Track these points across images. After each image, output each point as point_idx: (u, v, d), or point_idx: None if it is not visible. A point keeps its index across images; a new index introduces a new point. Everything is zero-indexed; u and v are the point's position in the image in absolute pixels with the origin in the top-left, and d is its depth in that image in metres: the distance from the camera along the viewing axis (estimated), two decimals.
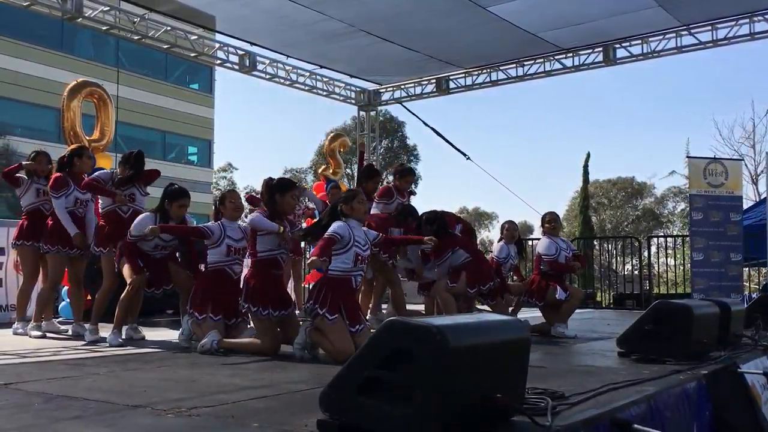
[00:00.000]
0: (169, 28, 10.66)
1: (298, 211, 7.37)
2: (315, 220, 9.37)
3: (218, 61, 11.95)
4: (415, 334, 2.28)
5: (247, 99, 62.87)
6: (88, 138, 8.06)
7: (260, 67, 11.99)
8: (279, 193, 5.03)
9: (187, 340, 5.22)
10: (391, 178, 7.73)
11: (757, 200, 17.02)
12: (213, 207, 5.53)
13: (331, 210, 5.03)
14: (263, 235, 4.89)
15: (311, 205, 8.43)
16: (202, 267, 5.41)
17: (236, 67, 11.73)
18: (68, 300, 7.81)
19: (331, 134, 12.19)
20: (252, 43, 11.39)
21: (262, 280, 4.84)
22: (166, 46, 11.04)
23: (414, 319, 2.39)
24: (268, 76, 12.24)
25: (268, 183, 5.19)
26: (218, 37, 11.54)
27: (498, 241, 7.23)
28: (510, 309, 6.77)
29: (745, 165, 22.42)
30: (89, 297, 7.75)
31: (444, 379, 2.22)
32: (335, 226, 4.74)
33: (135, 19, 10.25)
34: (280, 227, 4.85)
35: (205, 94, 34.44)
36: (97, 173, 6.10)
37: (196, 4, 9.84)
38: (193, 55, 11.49)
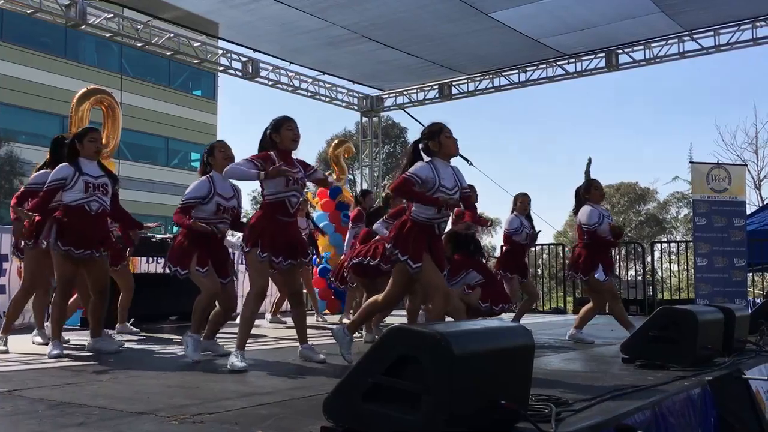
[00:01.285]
0: (172, 34, 10.70)
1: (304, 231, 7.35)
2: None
3: (221, 68, 12.00)
4: (420, 341, 2.28)
5: (249, 105, 63.03)
6: None
7: (263, 73, 12.02)
8: (274, 132, 4.56)
9: (195, 352, 4.76)
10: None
11: (761, 205, 16.99)
12: (201, 161, 5.13)
13: (413, 150, 4.44)
14: (268, 180, 4.44)
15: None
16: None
17: (239, 73, 11.77)
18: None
19: (336, 140, 12.22)
20: (255, 50, 11.43)
21: (265, 221, 4.48)
22: (169, 53, 11.09)
23: (419, 326, 2.39)
24: (270, 83, 12.28)
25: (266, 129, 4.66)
26: (221, 43, 11.60)
27: (511, 213, 7.24)
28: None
29: (748, 170, 22.43)
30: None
31: (449, 385, 2.22)
32: (415, 166, 4.24)
33: (138, 26, 10.30)
34: (260, 172, 4.34)
35: (209, 100, 34.54)
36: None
37: (199, 11, 9.88)
38: (196, 61, 11.54)
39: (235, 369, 4.21)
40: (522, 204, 7.18)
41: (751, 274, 11.78)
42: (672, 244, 15.41)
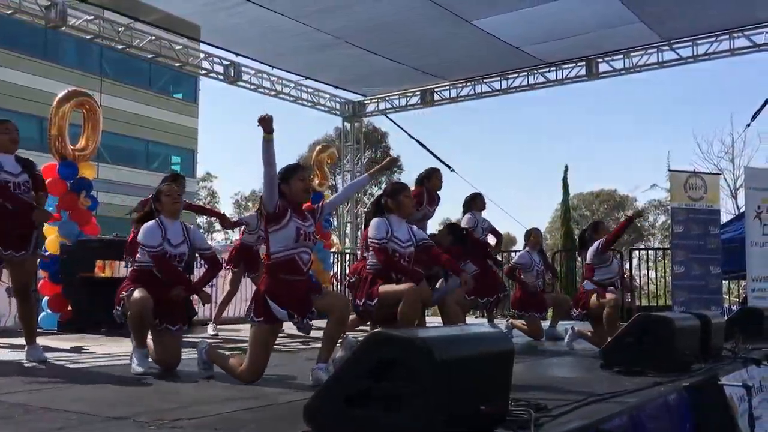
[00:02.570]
0: (153, 37, 10.65)
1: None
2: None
3: (203, 71, 11.97)
4: (400, 345, 2.29)
5: (231, 109, 62.76)
6: (72, 147, 8.00)
7: (245, 77, 12.01)
8: (283, 182, 4.05)
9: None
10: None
11: (737, 213, 17.22)
12: (145, 205, 4.72)
13: (376, 204, 4.81)
14: (275, 230, 3.97)
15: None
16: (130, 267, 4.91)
17: (221, 77, 11.75)
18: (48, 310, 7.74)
19: (320, 146, 12.23)
20: (237, 54, 11.41)
21: (274, 286, 3.95)
22: (150, 56, 11.04)
23: (399, 331, 2.41)
24: (253, 87, 12.27)
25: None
26: (203, 47, 11.56)
27: (523, 248, 7.38)
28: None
29: (725, 179, 22.75)
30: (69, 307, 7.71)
31: (430, 391, 2.23)
32: (372, 227, 4.59)
33: (119, 28, 10.24)
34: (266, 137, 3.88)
35: (190, 103, 34.30)
36: None
37: (181, 14, 9.85)
38: (177, 64, 11.49)
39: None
40: (534, 238, 7.27)
41: (726, 281, 11.94)
42: (650, 252, 15.56)
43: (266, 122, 3.86)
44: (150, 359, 4.41)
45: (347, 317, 4.14)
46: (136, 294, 4.31)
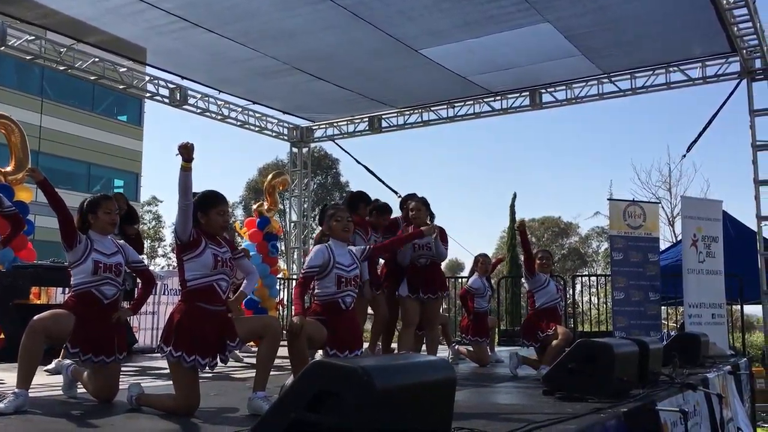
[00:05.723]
0: (97, 59, 10.48)
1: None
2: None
3: (148, 94, 11.81)
4: (341, 375, 2.27)
5: (177, 132, 61.94)
6: (2, 170, 7.72)
7: (191, 101, 11.90)
8: (201, 211, 3.96)
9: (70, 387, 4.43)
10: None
11: (674, 241, 17.76)
12: (79, 215, 4.40)
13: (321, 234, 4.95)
14: (191, 258, 3.87)
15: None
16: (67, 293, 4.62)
17: (167, 100, 11.61)
18: None
19: (273, 172, 12.13)
20: (183, 77, 11.31)
21: (190, 315, 3.81)
22: (93, 78, 10.85)
23: (340, 361, 2.39)
24: (199, 111, 12.16)
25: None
26: (149, 69, 11.42)
27: (471, 274, 7.36)
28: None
29: (662, 207, 23.46)
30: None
31: (371, 420, 2.21)
32: (310, 255, 4.56)
33: (62, 49, 10.04)
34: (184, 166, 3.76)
35: (134, 126, 33.74)
36: None
37: (126, 36, 9.72)
38: (121, 87, 11.32)
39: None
40: (483, 265, 7.34)
41: (665, 307, 12.26)
42: (592, 278, 15.90)
43: (187, 150, 3.76)
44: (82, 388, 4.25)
45: (279, 339, 4.03)
46: (45, 313, 4.04)
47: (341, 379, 2.25)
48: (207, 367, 3.85)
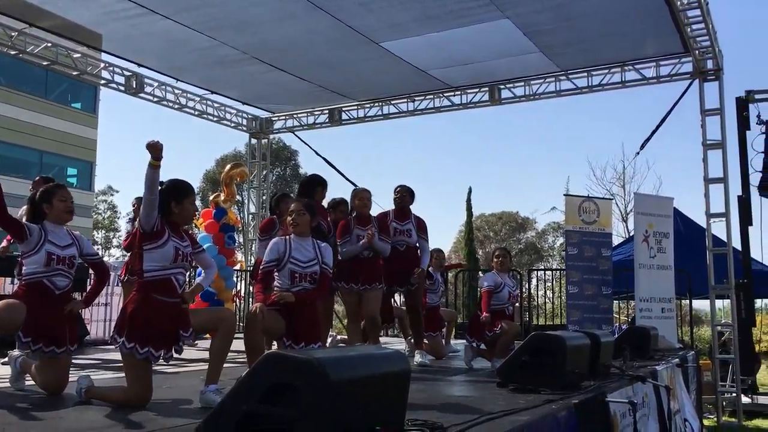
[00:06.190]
0: (50, 44, 10.21)
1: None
2: None
3: (103, 81, 11.56)
4: (295, 367, 2.27)
5: (133, 121, 60.86)
6: None
7: (148, 89, 11.68)
8: (175, 201, 3.95)
9: (17, 379, 4.43)
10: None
11: (627, 237, 18.15)
12: (31, 204, 4.33)
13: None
14: (152, 248, 3.82)
15: None
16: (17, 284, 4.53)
17: (122, 88, 11.38)
18: None
19: (231, 162, 11.98)
20: (140, 65, 11.09)
21: (144, 307, 3.78)
22: (46, 63, 10.56)
23: (294, 353, 2.39)
24: (156, 99, 11.95)
25: (161, 186, 4.01)
26: (104, 56, 11.16)
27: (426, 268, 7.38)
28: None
29: (616, 204, 23.94)
30: None
31: (325, 412, 2.22)
32: (269, 248, 4.50)
33: (13, 34, 9.75)
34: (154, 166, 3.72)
35: (88, 114, 32.99)
36: None
37: (81, 21, 9.47)
38: (75, 73, 11.04)
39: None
40: (437, 260, 7.39)
41: (617, 301, 12.53)
42: (548, 272, 16.15)
43: (156, 150, 3.72)
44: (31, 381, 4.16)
45: (233, 331, 4.01)
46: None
47: (295, 371, 2.25)
48: (161, 359, 3.83)
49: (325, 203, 6.62)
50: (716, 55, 10.00)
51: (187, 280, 4.06)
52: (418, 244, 6.58)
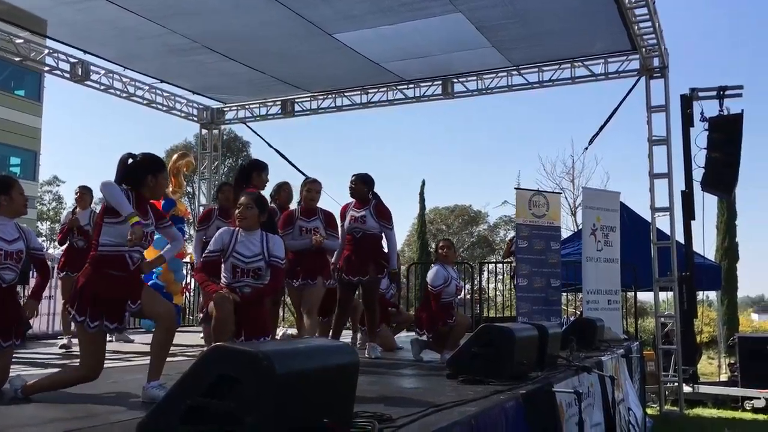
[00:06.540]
0: None
1: None
2: None
3: (47, 68, 11.21)
4: (241, 360, 2.24)
5: (80, 109, 59.27)
6: None
7: (94, 77, 11.39)
8: (152, 174, 3.90)
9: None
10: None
11: (575, 230, 18.49)
12: None
13: None
14: (112, 224, 3.74)
15: None
16: None
17: (67, 75, 11.06)
18: None
19: (179, 152, 11.76)
20: (86, 52, 10.79)
21: (96, 280, 3.73)
22: None
23: (240, 345, 2.36)
24: (102, 87, 11.65)
25: (135, 159, 3.94)
26: (49, 42, 10.82)
27: None
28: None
29: (565, 198, 24.36)
30: None
31: (271, 406, 2.20)
32: (215, 237, 4.44)
33: None
34: (131, 217, 3.67)
35: (32, 101, 32.03)
36: None
37: (25, 6, 9.17)
38: (18, 59, 10.69)
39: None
40: None
41: (565, 293, 12.76)
42: (499, 265, 16.33)
43: (139, 237, 3.68)
44: None
45: (174, 327, 3.97)
46: None
47: (241, 364, 2.23)
48: (115, 331, 3.85)
49: (269, 187, 6.57)
50: (662, 54, 10.24)
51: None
52: (383, 234, 6.32)
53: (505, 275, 14.46)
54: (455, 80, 11.84)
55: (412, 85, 12.16)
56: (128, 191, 3.80)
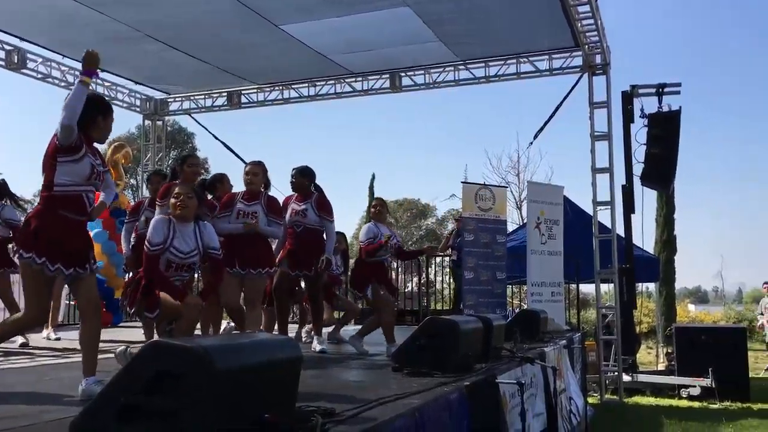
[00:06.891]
0: None
1: None
2: None
3: None
4: (180, 355, 2.19)
5: (18, 97, 57.27)
6: None
7: (31, 65, 11.02)
8: (102, 115, 3.80)
9: None
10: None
11: (520, 224, 18.78)
12: None
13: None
14: (67, 162, 3.62)
15: None
16: None
17: (2, 63, 10.66)
18: None
19: (114, 144, 11.46)
20: (22, 39, 10.42)
21: (52, 222, 3.60)
22: None
23: (179, 340, 2.31)
24: (40, 76, 11.27)
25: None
26: None
27: None
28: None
29: (511, 192, 24.72)
30: None
31: (210, 401, 2.16)
32: (151, 227, 4.36)
33: None
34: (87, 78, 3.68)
35: None
36: None
37: None
38: None
39: None
40: (338, 244, 7.50)
41: (510, 286, 12.95)
42: (446, 258, 16.48)
43: (93, 62, 3.71)
44: None
45: (99, 321, 3.87)
46: None
47: (180, 358, 2.18)
48: (63, 276, 3.67)
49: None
50: (604, 51, 10.46)
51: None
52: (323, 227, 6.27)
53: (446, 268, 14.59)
54: (403, 74, 11.87)
55: (359, 78, 12.13)
56: (79, 134, 3.68)
